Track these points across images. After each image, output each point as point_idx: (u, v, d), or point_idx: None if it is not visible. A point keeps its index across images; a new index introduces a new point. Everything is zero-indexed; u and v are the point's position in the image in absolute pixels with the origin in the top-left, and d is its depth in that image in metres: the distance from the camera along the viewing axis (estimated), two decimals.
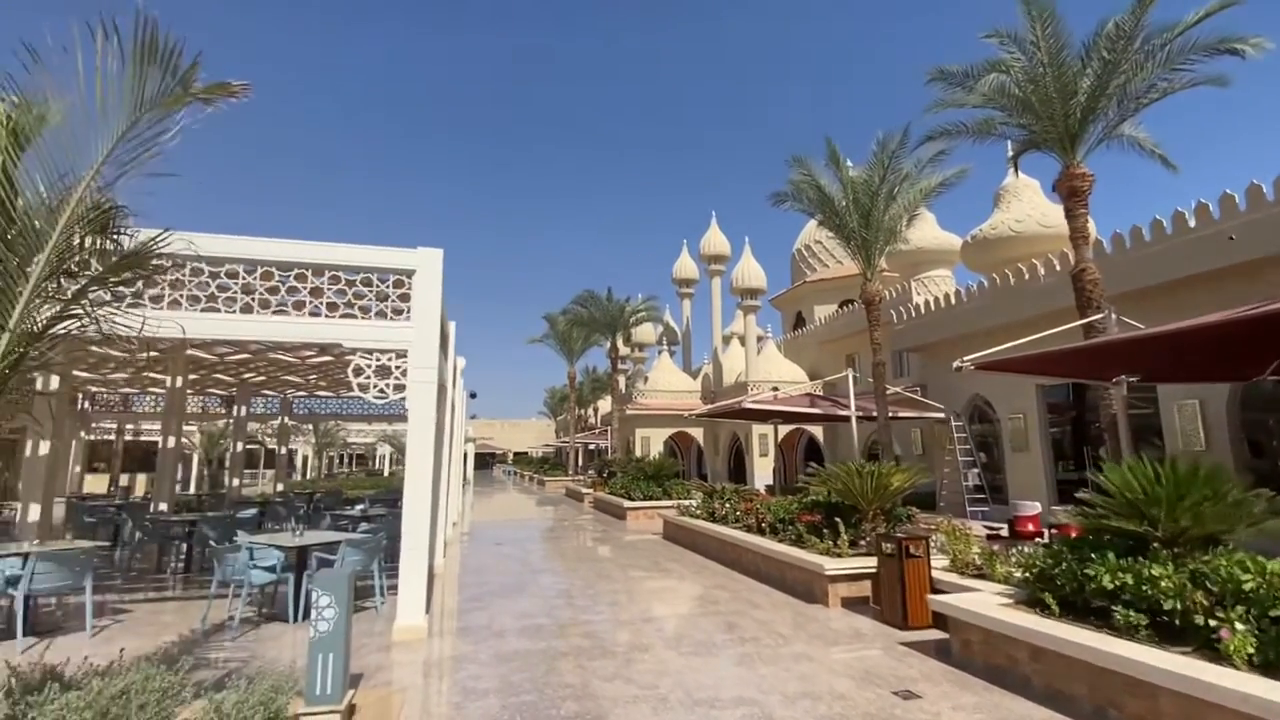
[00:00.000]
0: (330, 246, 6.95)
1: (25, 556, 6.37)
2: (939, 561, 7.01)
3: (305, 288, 6.75)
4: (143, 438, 26.34)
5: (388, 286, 7.04)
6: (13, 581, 6.24)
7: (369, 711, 4.37)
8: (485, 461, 73.48)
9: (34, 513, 8.48)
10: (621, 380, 33.44)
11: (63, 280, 3.29)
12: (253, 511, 11.28)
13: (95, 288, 3.45)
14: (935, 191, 14.27)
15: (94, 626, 6.65)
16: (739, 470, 27.25)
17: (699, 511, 12.47)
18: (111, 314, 3.51)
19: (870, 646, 6.04)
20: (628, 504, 17.48)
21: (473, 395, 25.89)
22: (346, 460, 59.62)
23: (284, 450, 20.15)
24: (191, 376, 13.49)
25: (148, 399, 16.58)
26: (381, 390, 6.81)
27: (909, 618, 6.45)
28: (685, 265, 35.03)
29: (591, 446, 49.06)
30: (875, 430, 16.45)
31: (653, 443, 30.03)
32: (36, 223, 2.79)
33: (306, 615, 6.79)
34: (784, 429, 21.50)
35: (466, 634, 6.60)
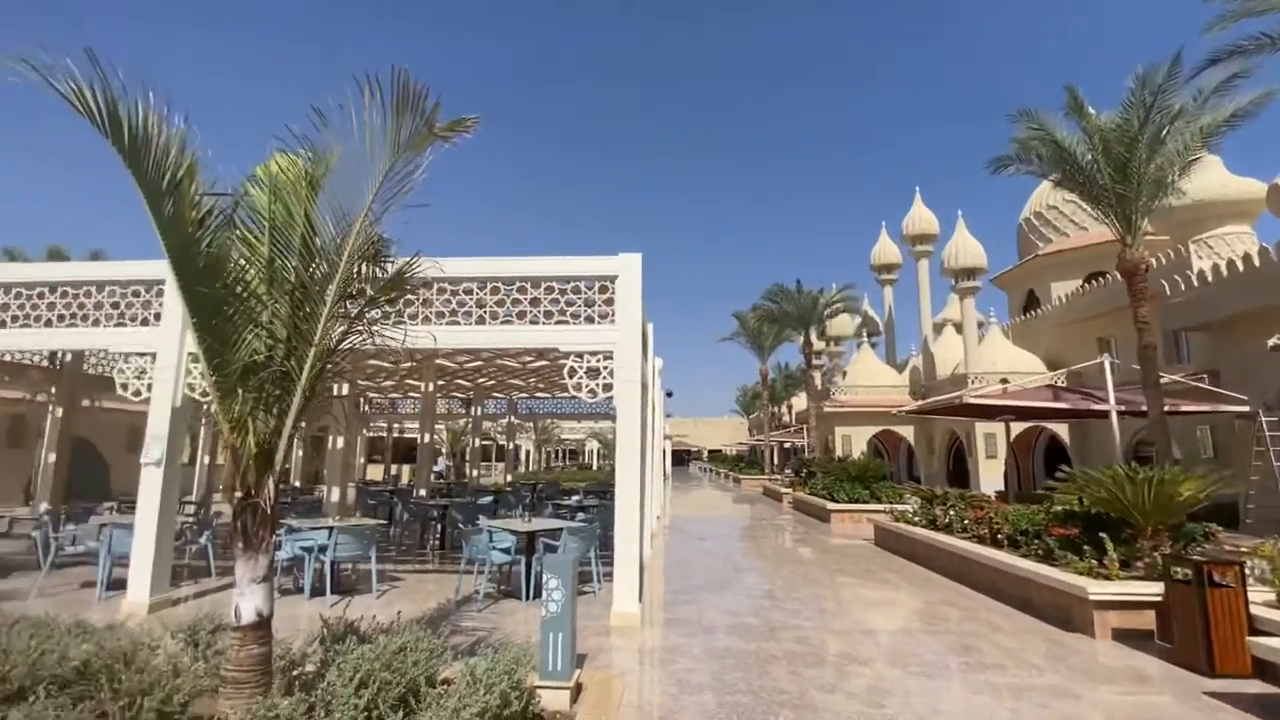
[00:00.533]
0: (544, 260, 7.61)
1: (330, 530, 7.93)
2: (1259, 594, 5.50)
3: (526, 299, 7.47)
4: (405, 434, 31.58)
5: (594, 292, 7.50)
6: (322, 549, 7.80)
7: (594, 692, 4.63)
8: (681, 459, 75.55)
9: (335, 494, 10.56)
10: (817, 376, 32.05)
11: (347, 304, 3.98)
12: (489, 499, 12.83)
13: (370, 308, 4.14)
14: (1223, 128, 11.30)
15: (378, 590, 8.05)
16: (959, 473, 24.45)
17: (917, 518, 11.37)
18: (383, 329, 4.18)
19: (1159, 692, 4.92)
20: (831, 506, 16.63)
21: (669, 394, 26.72)
22: (560, 455, 65.50)
23: (511, 445, 22.72)
24: (439, 382, 15.79)
25: (408, 402, 19.86)
26: (592, 390, 7.26)
27: (1216, 661, 5.14)
28: (885, 249, 32.47)
29: (787, 445, 47.85)
30: (1144, 428, 13.60)
31: (855, 442, 28.26)
32: (331, 257, 3.43)
33: (535, 595, 7.51)
34: (1017, 427, 18.75)
35: (677, 626, 6.74)
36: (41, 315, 8.07)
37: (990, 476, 21.17)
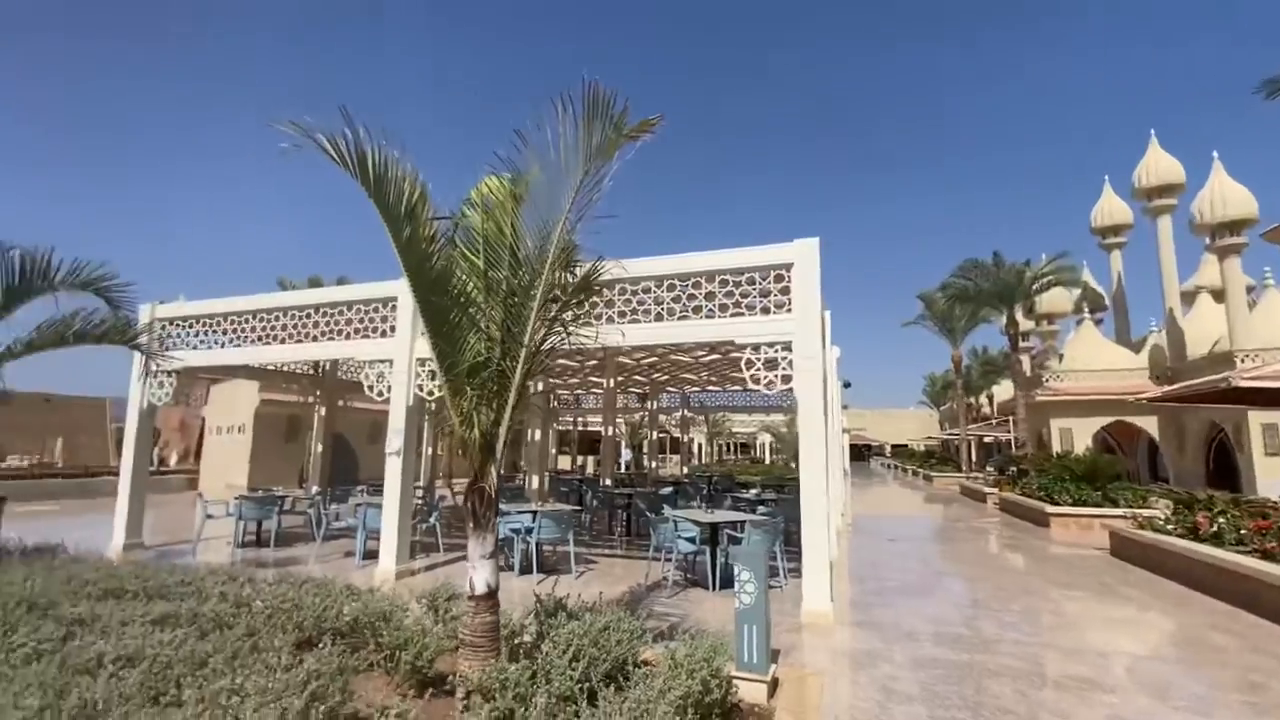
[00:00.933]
0: (717, 253, 7.60)
1: (534, 514, 8.71)
2: None
3: (700, 293, 7.53)
4: (589, 428, 33.69)
5: (769, 282, 7.34)
6: (528, 531, 8.59)
7: (791, 689, 4.54)
8: (860, 453, 71.01)
9: (534, 482, 11.59)
10: (1025, 361, 28.29)
11: (548, 307, 4.32)
12: (669, 490, 13.21)
13: (564, 310, 4.46)
14: None
15: (576, 571, 8.68)
16: (1223, 473, 20.07)
17: (1170, 526, 9.54)
18: (576, 329, 4.48)
19: None
20: (1050, 509, 14.54)
21: (846, 384, 25.24)
22: (731, 448, 65.42)
23: (686, 438, 23.18)
24: (618, 378, 16.59)
25: (590, 398, 21.16)
26: (770, 381, 7.12)
27: None
28: (1110, 208, 27.59)
29: (988, 439, 42.93)
30: None
31: (1076, 435, 24.44)
32: (534, 265, 3.77)
33: (721, 585, 7.58)
34: None
35: (873, 629, 6.37)
36: (308, 332, 9.89)
37: (1271, 477, 17.09)
